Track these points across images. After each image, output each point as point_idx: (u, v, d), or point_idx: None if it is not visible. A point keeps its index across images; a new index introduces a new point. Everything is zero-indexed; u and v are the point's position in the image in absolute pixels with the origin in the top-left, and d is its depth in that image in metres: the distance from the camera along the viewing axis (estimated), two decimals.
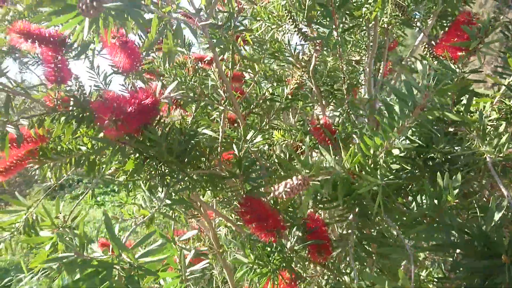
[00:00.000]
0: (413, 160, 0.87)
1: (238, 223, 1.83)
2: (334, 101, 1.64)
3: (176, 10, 0.98)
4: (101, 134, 1.01)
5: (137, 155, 1.03)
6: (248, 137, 1.25)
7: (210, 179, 1.32)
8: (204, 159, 1.27)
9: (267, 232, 0.96)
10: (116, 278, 0.77)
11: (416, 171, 0.87)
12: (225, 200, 1.56)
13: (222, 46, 1.15)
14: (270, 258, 1.05)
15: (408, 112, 0.70)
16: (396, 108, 0.72)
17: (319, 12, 1.11)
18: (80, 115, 1.09)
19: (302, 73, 1.37)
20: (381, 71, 1.73)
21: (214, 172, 1.31)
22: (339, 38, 1.11)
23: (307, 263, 1.24)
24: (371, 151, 0.78)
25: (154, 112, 1.02)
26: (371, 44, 1.39)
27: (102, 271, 0.76)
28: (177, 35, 0.96)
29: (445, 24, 1.20)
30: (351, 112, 1.34)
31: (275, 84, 1.28)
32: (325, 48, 1.26)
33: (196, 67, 1.61)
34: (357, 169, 0.81)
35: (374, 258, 0.93)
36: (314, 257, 1.15)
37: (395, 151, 0.74)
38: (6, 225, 1.26)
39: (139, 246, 0.84)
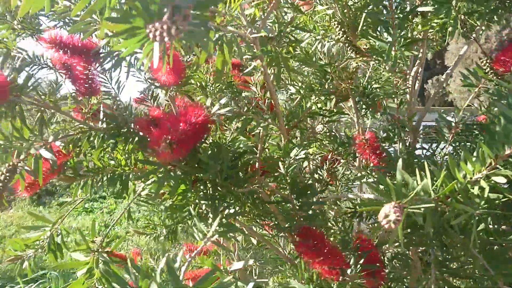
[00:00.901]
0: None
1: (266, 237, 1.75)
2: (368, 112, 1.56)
3: (230, 22, 0.91)
4: (151, 157, 0.93)
5: (186, 178, 0.95)
6: (292, 154, 1.18)
7: (253, 199, 1.24)
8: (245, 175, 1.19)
9: (329, 268, 0.88)
10: None
11: None
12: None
13: (270, 58, 1.07)
14: None
15: None
16: (500, 128, 0.64)
17: (373, 25, 1.03)
18: (118, 133, 1.01)
19: (348, 85, 1.30)
20: (418, 80, 1.65)
21: (255, 190, 1.23)
22: (398, 52, 1.03)
23: None
24: (465, 178, 0.71)
25: (205, 131, 0.94)
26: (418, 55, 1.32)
27: None
28: (232, 48, 0.88)
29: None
30: (401, 127, 1.26)
31: (322, 97, 1.20)
32: (377, 62, 1.18)
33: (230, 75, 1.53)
34: (444, 197, 0.73)
35: None
36: (369, 282, 1.07)
37: (499, 179, 0.66)
38: (30, 242, 1.17)
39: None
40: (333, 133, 1.66)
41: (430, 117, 1.60)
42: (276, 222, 1.16)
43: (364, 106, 1.54)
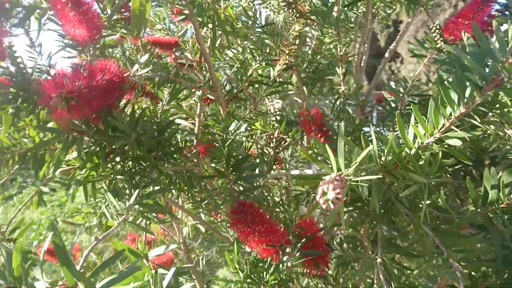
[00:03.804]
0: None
1: (214, 225, 1.63)
2: (316, 88, 1.47)
3: None
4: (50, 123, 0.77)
5: (98, 148, 0.79)
6: (231, 128, 1.05)
7: (188, 177, 1.10)
8: (179, 153, 1.05)
9: (269, 247, 0.76)
10: None
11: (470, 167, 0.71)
12: (199, 199, 1.35)
13: (203, 16, 0.93)
14: (264, 277, 0.86)
15: (474, 90, 0.53)
16: (455, 80, 0.55)
17: None
18: (20, 98, 0.83)
19: (291, 52, 1.18)
20: (363, 58, 1.57)
21: (192, 168, 1.10)
22: (340, 13, 0.93)
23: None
24: (416, 143, 0.61)
25: (119, 92, 0.79)
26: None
27: None
28: None
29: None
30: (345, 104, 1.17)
31: (263, 64, 1.07)
32: (321, 29, 1.08)
33: (151, 51, 1.37)
34: (392, 166, 0.63)
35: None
36: (311, 270, 0.98)
37: (454, 142, 0.56)
38: None
39: (101, 272, 0.62)
40: (280, 111, 1.55)
41: None
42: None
43: (310, 82, 1.44)
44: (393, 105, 1.12)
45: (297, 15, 1.03)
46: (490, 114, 0.65)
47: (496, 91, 0.52)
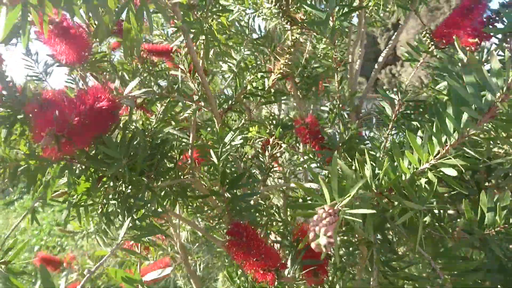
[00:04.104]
0: (461, 179, 0.70)
1: (211, 233, 1.62)
2: (310, 94, 1.45)
3: None
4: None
5: (89, 173, 0.78)
6: (226, 140, 1.04)
7: (182, 191, 1.09)
8: (173, 168, 1.04)
9: (264, 271, 0.76)
10: None
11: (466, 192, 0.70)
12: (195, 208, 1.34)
13: (196, 30, 0.91)
14: None
15: (471, 120, 0.52)
16: (451, 110, 0.53)
17: None
18: (11, 120, 0.82)
19: (286, 61, 1.16)
20: (358, 62, 1.55)
21: (188, 180, 1.08)
22: (336, 23, 0.91)
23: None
24: (411, 169, 0.60)
25: (112, 119, 0.77)
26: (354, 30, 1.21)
27: None
28: (142, 12, 0.71)
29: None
30: (341, 110, 1.15)
31: (258, 75, 1.06)
32: (315, 35, 1.06)
33: (146, 59, 1.35)
34: (388, 191, 0.62)
35: None
36: (310, 281, 0.97)
37: (449, 171, 0.55)
38: None
39: None
40: (275, 116, 1.54)
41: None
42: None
43: (304, 87, 1.42)
44: (388, 112, 1.10)
45: (292, 24, 1.01)
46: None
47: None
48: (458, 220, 0.85)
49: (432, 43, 1.09)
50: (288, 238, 1.05)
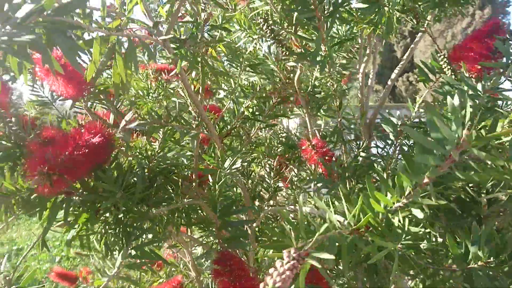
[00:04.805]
0: (436, 216, 0.69)
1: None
2: (320, 112, 1.46)
3: (127, 25, 0.77)
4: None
5: (88, 204, 0.83)
6: (226, 165, 1.06)
7: (186, 214, 1.13)
8: (177, 191, 1.07)
9: None
10: None
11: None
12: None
13: (189, 62, 0.95)
14: None
15: (432, 167, 0.52)
16: (418, 158, 0.54)
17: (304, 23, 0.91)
18: (15, 155, 0.88)
19: (286, 84, 1.18)
20: (371, 76, 1.55)
21: (192, 203, 1.12)
22: (327, 53, 0.92)
23: None
24: (383, 208, 0.60)
25: (107, 152, 0.82)
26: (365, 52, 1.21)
27: None
28: (130, 57, 0.75)
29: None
30: (343, 128, 1.16)
31: (255, 100, 1.08)
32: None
33: (159, 78, 1.40)
34: (365, 228, 0.63)
35: None
36: None
37: (416, 212, 0.56)
38: None
39: None
40: (283, 136, 1.55)
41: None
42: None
43: (314, 105, 1.43)
44: (391, 137, 1.10)
45: (287, 53, 1.02)
46: None
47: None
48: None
49: (449, 67, 1.07)
50: None
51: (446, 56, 1.05)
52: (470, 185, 0.79)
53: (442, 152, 0.50)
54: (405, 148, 1.09)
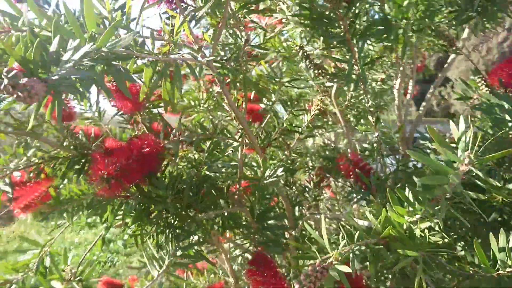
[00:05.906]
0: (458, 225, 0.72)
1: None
2: (359, 125, 1.49)
3: (175, 50, 0.88)
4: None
5: (142, 208, 0.93)
6: (266, 174, 1.14)
7: (229, 219, 1.21)
8: (222, 197, 1.16)
9: None
10: None
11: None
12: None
13: (231, 80, 1.04)
14: None
15: (441, 187, 0.56)
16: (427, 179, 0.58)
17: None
18: (81, 163, 1.01)
19: (324, 97, 1.24)
20: (409, 91, 1.57)
21: (236, 210, 1.20)
22: (360, 72, 0.97)
23: None
24: (405, 219, 0.65)
25: (157, 161, 0.92)
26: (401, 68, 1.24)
27: None
28: (176, 80, 0.85)
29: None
30: (381, 142, 1.19)
31: (294, 112, 1.15)
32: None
33: (210, 89, 1.51)
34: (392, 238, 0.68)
35: None
36: None
37: (434, 223, 0.60)
38: (19, 265, 1.19)
39: None
40: (328, 146, 1.60)
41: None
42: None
43: (354, 118, 1.47)
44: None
45: (323, 74, 1.08)
46: None
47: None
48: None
49: (487, 89, 1.08)
50: None
51: (485, 79, 1.06)
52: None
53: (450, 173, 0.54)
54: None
